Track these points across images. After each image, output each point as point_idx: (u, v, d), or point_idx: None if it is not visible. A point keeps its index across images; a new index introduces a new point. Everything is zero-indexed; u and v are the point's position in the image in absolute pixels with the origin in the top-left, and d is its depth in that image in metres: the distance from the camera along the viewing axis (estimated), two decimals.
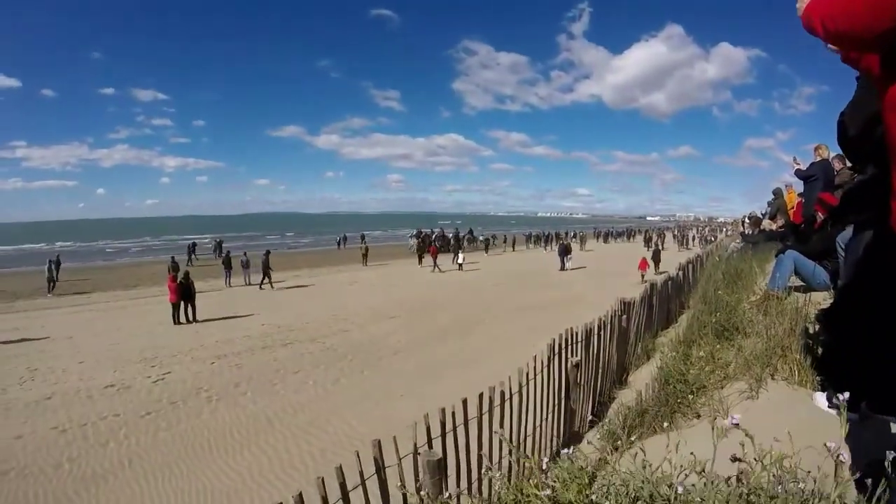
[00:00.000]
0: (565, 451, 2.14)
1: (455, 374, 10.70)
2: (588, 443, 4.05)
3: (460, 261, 30.73)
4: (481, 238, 45.77)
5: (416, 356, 12.38)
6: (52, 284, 23.63)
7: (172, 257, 27.58)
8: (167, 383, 10.65)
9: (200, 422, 8.71)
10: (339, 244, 49.54)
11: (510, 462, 3.82)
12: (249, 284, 24.96)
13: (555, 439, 4.84)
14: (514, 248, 46.33)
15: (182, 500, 6.35)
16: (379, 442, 2.95)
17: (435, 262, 30.26)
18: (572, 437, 4.99)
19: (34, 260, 40.18)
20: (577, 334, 5.08)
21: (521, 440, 4.25)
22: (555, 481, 1.81)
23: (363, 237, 42.66)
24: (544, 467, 1.93)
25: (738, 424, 1.38)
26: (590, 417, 5.47)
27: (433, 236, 41.76)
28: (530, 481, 1.93)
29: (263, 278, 24.10)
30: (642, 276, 24.13)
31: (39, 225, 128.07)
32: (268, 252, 25.56)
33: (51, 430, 8.40)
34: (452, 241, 39.27)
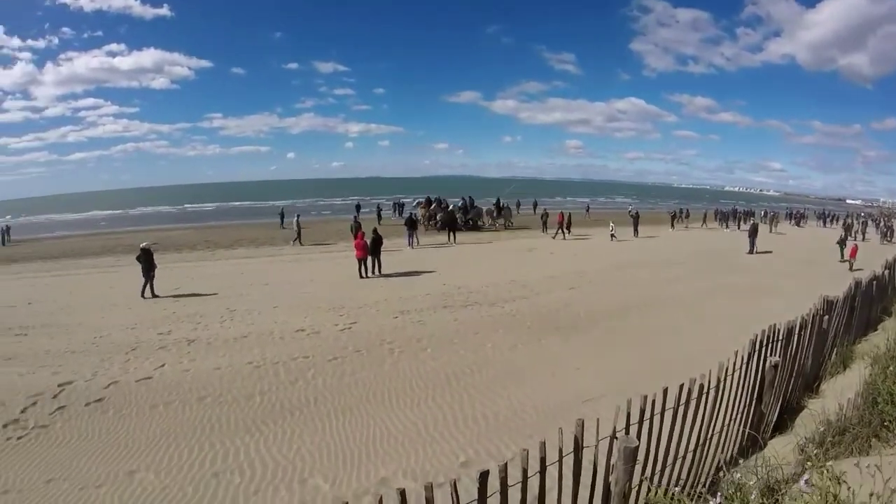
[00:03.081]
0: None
1: (630, 352, 10.12)
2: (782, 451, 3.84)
3: (612, 231, 30.72)
4: (487, 212, 36.48)
5: (594, 330, 11.81)
6: (298, 236, 27.58)
7: (355, 217, 29.97)
8: (353, 332, 11.51)
9: (382, 371, 9.20)
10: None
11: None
12: (416, 245, 26.35)
13: (736, 443, 4.66)
14: (687, 225, 42.14)
15: (360, 442, 6.68)
16: (582, 421, 3.03)
17: (560, 230, 31.29)
18: (753, 443, 4.74)
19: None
20: (778, 331, 4.90)
21: (708, 438, 4.14)
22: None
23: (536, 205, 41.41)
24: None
25: None
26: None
27: (431, 206, 34.67)
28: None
29: (450, 235, 27.80)
30: (851, 263, 20.95)
31: (239, 185, 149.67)
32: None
33: (246, 365, 9.57)
34: (461, 216, 33.96)
